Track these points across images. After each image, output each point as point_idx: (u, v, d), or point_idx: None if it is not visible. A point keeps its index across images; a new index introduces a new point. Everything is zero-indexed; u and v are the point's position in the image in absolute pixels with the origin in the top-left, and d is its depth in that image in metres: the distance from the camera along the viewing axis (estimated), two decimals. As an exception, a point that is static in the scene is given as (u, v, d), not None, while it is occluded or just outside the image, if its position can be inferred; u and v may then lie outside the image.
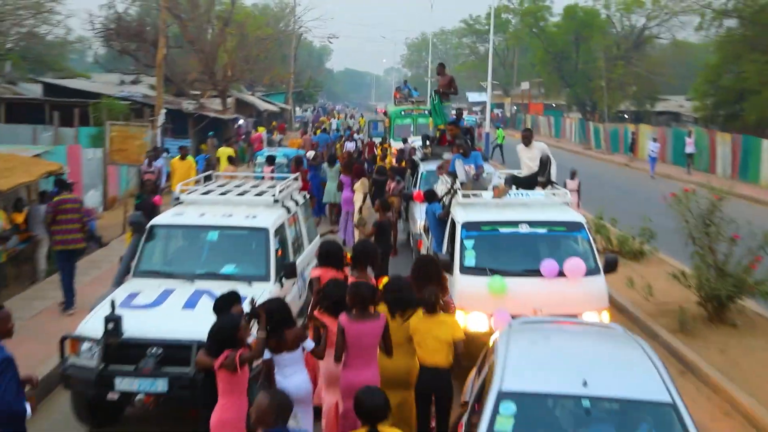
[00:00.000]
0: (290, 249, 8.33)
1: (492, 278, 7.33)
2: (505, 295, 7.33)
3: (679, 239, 9.77)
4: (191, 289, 7.07)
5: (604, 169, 31.11)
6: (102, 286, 10.77)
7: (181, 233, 8.20)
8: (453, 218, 8.32)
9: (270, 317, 5.17)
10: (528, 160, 9.14)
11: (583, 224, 8.01)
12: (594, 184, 25.39)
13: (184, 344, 6.25)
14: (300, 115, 56.28)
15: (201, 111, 28.61)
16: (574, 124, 46.83)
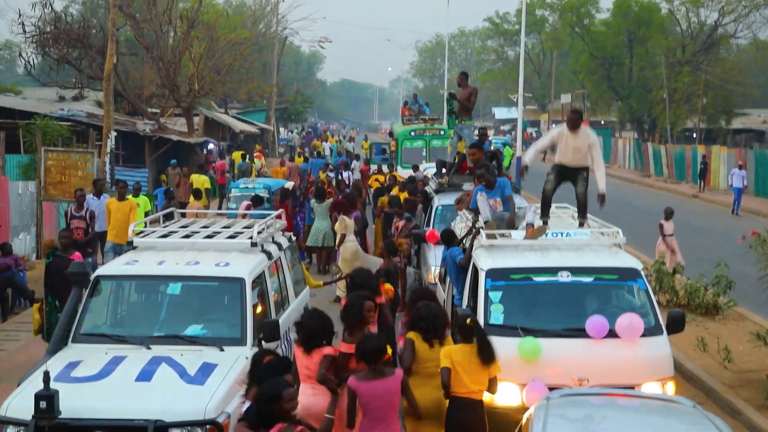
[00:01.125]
0: (272, 304, 8.41)
1: (523, 340, 7.37)
2: (539, 360, 7.35)
3: (763, 290, 9.82)
4: (147, 356, 7.13)
5: (666, 202, 31.15)
6: (33, 354, 10.82)
7: (134, 286, 8.27)
8: (475, 264, 8.40)
9: None
10: (572, 151, 9.12)
11: (639, 271, 8.09)
12: (653, 221, 25.54)
13: (138, 426, 6.26)
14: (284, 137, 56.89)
15: (161, 133, 29.04)
16: (629, 145, 47.18)
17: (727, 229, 23.44)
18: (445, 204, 13.53)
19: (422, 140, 26.48)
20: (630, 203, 30.11)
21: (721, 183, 34.31)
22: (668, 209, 16.85)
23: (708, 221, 22.56)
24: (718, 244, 16.53)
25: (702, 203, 31.18)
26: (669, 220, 16.24)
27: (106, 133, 21.84)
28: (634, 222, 24.30)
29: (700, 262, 15.64)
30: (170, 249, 8.53)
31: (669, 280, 13.45)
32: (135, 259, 8.22)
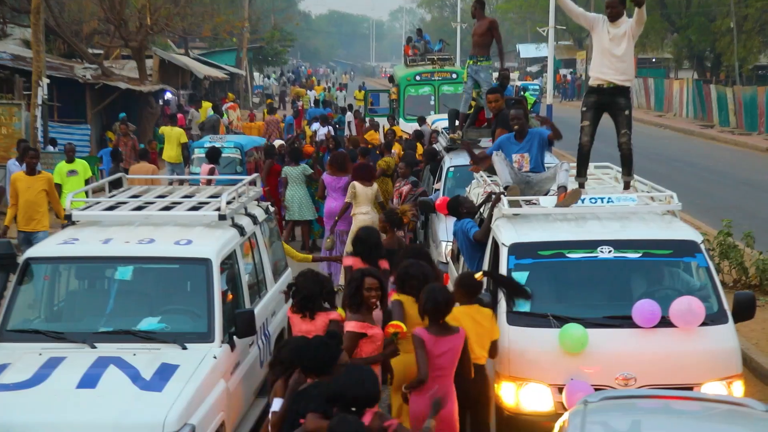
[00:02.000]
0: (245, 291, 8.43)
1: (566, 327, 7.39)
2: (575, 356, 7.38)
3: None
4: (91, 357, 7.14)
5: (733, 158, 31.26)
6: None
7: (73, 270, 8.26)
8: (495, 239, 8.40)
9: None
10: (609, 43, 8.96)
11: (698, 245, 8.09)
12: (717, 181, 25.60)
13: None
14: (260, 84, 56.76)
15: (105, 80, 28.93)
16: (687, 88, 47.04)
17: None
18: (458, 164, 13.50)
19: (430, 86, 26.40)
20: (688, 160, 30.10)
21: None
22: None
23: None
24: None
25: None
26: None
27: (35, 80, 21.74)
28: (693, 184, 24.35)
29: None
30: (119, 224, 8.53)
31: (737, 254, 13.46)
32: (75, 237, 8.20)
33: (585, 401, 5.81)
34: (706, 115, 43.29)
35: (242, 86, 48.29)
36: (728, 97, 40.73)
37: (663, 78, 53.10)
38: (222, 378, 7.40)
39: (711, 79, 49.89)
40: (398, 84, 27.53)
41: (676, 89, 48.67)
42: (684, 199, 9.08)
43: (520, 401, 7.46)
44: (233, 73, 46.53)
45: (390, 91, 29.61)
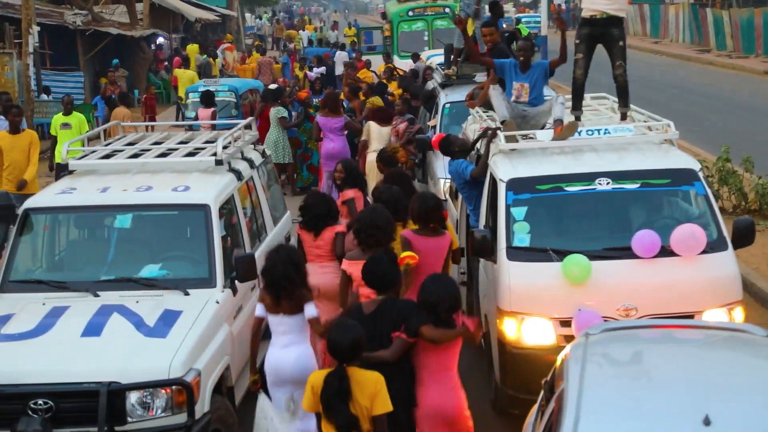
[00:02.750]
0: (245, 235, 8.44)
1: (569, 259, 7.41)
2: (577, 288, 7.41)
3: None
4: (94, 305, 7.18)
5: (731, 83, 31.06)
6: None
7: (72, 220, 8.27)
8: (493, 175, 8.39)
9: None
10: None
11: (696, 173, 8.08)
12: (714, 106, 25.48)
13: (88, 391, 6.34)
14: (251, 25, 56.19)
15: (96, 26, 28.64)
16: (683, 12, 46.56)
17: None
18: (454, 101, 13.43)
19: (423, 21, 26.19)
20: (686, 87, 29.95)
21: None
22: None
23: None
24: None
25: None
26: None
27: (26, 27, 21.54)
28: (691, 110, 24.25)
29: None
30: (115, 172, 8.53)
31: (736, 180, 13.46)
32: (72, 187, 8.20)
33: (586, 333, 5.82)
34: (703, 39, 42.90)
35: (234, 28, 47.77)
36: (725, 20, 40.34)
37: (658, 3, 52.42)
38: (225, 322, 7.45)
39: (707, 3, 49.33)
40: (391, 20, 27.29)
41: (672, 14, 48.18)
42: (682, 126, 9.05)
43: (522, 336, 7.50)
44: (225, 15, 46.02)
45: (383, 28, 29.35)
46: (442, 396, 6.21)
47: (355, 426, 5.60)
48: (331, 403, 5.60)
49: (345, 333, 5.73)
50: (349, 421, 5.58)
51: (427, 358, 6.20)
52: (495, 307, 7.76)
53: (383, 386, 5.65)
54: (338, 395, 5.57)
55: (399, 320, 6.13)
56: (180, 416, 6.49)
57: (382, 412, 5.62)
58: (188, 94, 19.96)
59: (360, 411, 5.60)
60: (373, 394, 5.61)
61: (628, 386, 5.07)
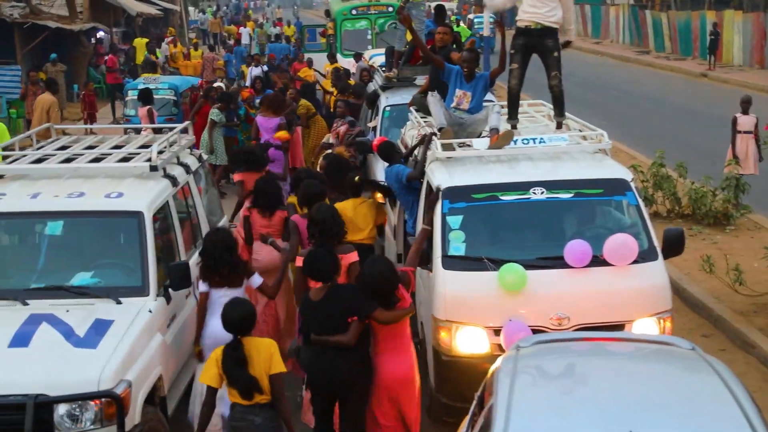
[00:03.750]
0: (180, 242, 8.36)
1: (505, 267, 7.44)
2: (510, 297, 7.45)
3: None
4: (23, 314, 7.05)
5: (669, 84, 31.54)
6: None
7: (2, 226, 8.11)
8: (429, 183, 8.40)
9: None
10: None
11: (628, 183, 8.17)
12: (652, 109, 25.79)
13: (13, 404, 6.24)
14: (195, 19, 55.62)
15: (34, 19, 28.11)
16: (623, 14, 47.20)
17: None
18: (394, 104, 13.42)
19: (366, 20, 26.10)
20: (625, 88, 30.30)
21: (736, 58, 34.55)
22: (745, 98, 15.09)
23: (718, 107, 22.77)
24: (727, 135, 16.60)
25: (712, 84, 31.47)
26: (747, 113, 14.75)
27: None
28: (629, 112, 24.54)
29: (708, 160, 15.87)
30: (47, 177, 8.37)
31: (670, 185, 13.65)
32: (2, 192, 8.05)
33: (517, 346, 5.86)
34: (642, 41, 43.53)
35: (177, 22, 47.28)
36: (663, 23, 40.97)
37: (599, 4, 53.05)
38: (158, 331, 7.37)
39: (647, 5, 49.98)
40: (334, 18, 27.18)
41: (613, 15, 48.80)
42: (619, 128, 9.19)
43: (456, 344, 7.52)
44: (167, 9, 45.48)
45: (326, 26, 29.24)
46: (396, 362, 6.91)
47: (256, 387, 6.29)
48: (232, 370, 6.29)
49: (235, 308, 6.50)
50: (249, 384, 6.29)
51: (381, 332, 6.89)
52: (430, 315, 7.77)
53: (276, 350, 6.42)
54: (237, 362, 6.28)
55: (346, 305, 6.76)
56: (110, 429, 6.39)
57: (277, 371, 6.35)
58: (127, 91, 19.71)
59: (259, 373, 6.30)
60: (268, 357, 6.33)
61: (557, 400, 5.11)
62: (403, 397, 7.00)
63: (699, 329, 10.14)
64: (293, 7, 79.86)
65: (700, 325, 10.29)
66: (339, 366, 6.75)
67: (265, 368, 6.32)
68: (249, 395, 6.32)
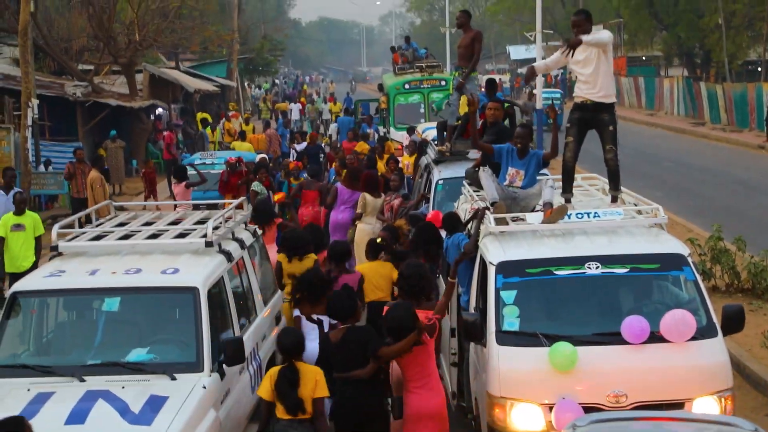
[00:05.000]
0: (234, 317, 8.40)
1: (556, 346, 7.38)
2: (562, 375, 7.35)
3: None
4: (79, 391, 7.11)
5: (725, 156, 31.24)
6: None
7: (61, 303, 8.24)
8: (483, 257, 8.38)
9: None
10: (577, 66, 9.00)
11: (685, 258, 8.07)
12: (708, 180, 25.56)
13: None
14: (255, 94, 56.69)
15: (96, 97, 28.88)
16: (677, 86, 47.08)
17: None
18: (447, 177, 13.46)
19: (419, 94, 26.33)
20: (680, 160, 30.09)
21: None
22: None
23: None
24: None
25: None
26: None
27: (25, 100, 21.71)
28: (685, 184, 24.34)
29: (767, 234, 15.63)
30: (105, 254, 8.52)
31: (728, 259, 13.45)
32: (61, 269, 8.19)
33: (573, 425, 5.78)
34: (697, 112, 43.28)
35: (234, 98, 48.19)
36: (719, 94, 40.74)
37: (653, 76, 53.05)
38: (212, 407, 7.39)
39: (701, 76, 49.90)
40: (387, 93, 27.48)
41: (667, 87, 48.69)
42: (675, 200, 9.09)
43: (511, 421, 7.42)
44: (224, 85, 46.45)
45: (380, 100, 29.56)
46: (423, 399, 7.49)
47: (300, 407, 7.08)
48: (283, 389, 7.09)
49: (288, 336, 7.42)
50: (295, 403, 7.07)
51: (407, 371, 7.52)
52: (485, 391, 7.69)
53: (322, 377, 7.21)
54: (289, 383, 7.09)
55: (361, 344, 7.59)
56: (163, 505, 6.39)
57: (320, 396, 7.16)
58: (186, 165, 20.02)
59: (305, 395, 7.10)
60: (315, 382, 7.14)
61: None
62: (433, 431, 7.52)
63: (762, 408, 9.88)
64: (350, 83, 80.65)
65: (763, 404, 10.03)
66: (361, 399, 7.52)
67: (311, 392, 7.12)
68: (294, 413, 7.10)
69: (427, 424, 7.49)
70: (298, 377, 7.13)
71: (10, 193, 14.64)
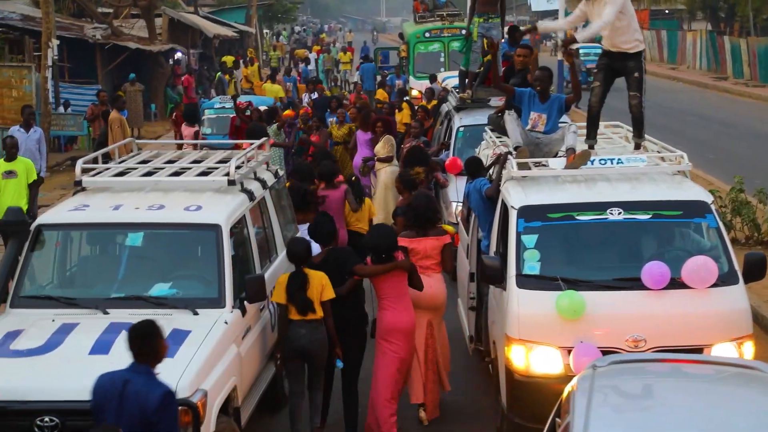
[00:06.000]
0: (255, 256, 8.46)
1: (562, 294, 7.42)
2: (585, 318, 7.39)
3: None
4: (103, 323, 7.20)
5: (747, 111, 30.99)
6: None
7: (84, 237, 8.31)
8: (505, 202, 8.39)
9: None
10: (610, 28, 8.90)
11: (708, 205, 8.06)
12: (730, 134, 25.41)
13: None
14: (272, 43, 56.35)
15: (115, 40, 28.84)
16: (700, 40, 46.56)
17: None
18: (467, 124, 13.44)
19: (439, 43, 26.17)
20: (702, 114, 29.90)
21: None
22: None
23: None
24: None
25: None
26: None
27: (45, 41, 21.69)
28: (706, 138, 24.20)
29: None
30: (128, 190, 8.55)
31: (749, 211, 13.42)
32: (85, 204, 8.23)
33: (594, 365, 5.81)
34: (720, 67, 42.85)
35: (252, 44, 47.96)
36: (742, 49, 40.30)
37: (676, 30, 52.46)
38: (233, 343, 7.46)
39: (725, 31, 49.28)
40: (408, 41, 27.33)
41: (690, 41, 48.16)
42: (696, 154, 9.04)
43: (530, 364, 7.48)
44: (243, 31, 46.21)
45: (400, 49, 29.40)
46: (397, 315, 8.13)
47: (310, 307, 7.82)
48: (294, 292, 7.80)
49: (298, 244, 8.16)
50: (306, 304, 7.80)
51: (381, 290, 8.18)
52: (503, 334, 7.74)
53: (328, 281, 7.91)
54: (299, 286, 7.81)
55: (340, 263, 8.22)
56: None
57: (327, 298, 7.89)
58: (204, 111, 20.03)
59: (313, 297, 7.83)
60: (322, 286, 7.86)
61: (635, 420, 5.07)
62: (400, 345, 8.17)
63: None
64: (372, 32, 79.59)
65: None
66: (341, 313, 8.09)
67: (319, 294, 7.83)
68: (304, 313, 7.84)
69: (398, 337, 8.16)
70: (307, 281, 7.83)
71: (30, 131, 14.70)
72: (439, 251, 8.57)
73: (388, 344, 8.18)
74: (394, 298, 8.15)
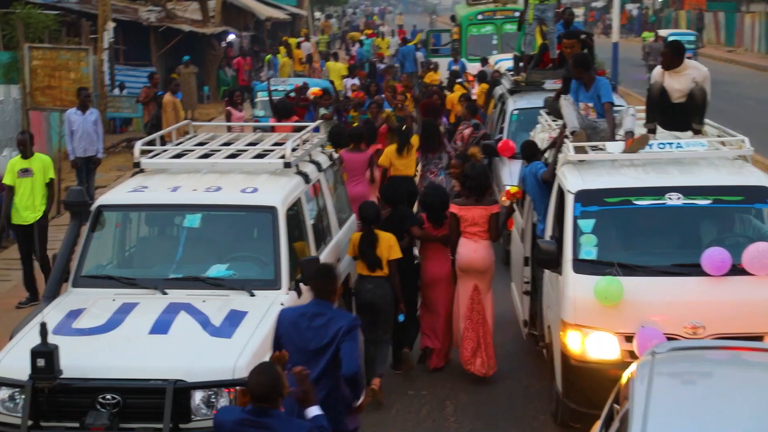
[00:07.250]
0: (311, 238, 8.51)
1: (601, 280, 7.37)
2: (644, 305, 7.34)
3: None
4: (162, 303, 7.30)
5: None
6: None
7: (144, 218, 8.41)
8: (561, 186, 8.34)
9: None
10: (675, 94, 8.99)
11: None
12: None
13: (154, 388, 6.46)
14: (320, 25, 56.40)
15: (169, 22, 29.07)
16: (759, 22, 45.72)
17: None
18: (522, 107, 13.37)
19: (492, 25, 26.06)
20: (760, 98, 29.40)
21: None
22: None
23: None
24: None
25: None
26: None
27: (102, 24, 21.96)
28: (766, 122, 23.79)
29: None
30: (185, 172, 8.64)
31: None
32: (144, 185, 8.34)
33: (653, 352, 5.77)
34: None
35: (304, 26, 48.06)
36: (803, 32, 39.58)
37: (734, 11, 51.52)
38: (289, 324, 7.50)
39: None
40: (460, 23, 27.23)
41: (748, 23, 47.31)
42: (756, 139, 8.89)
43: (586, 349, 7.44)
44: (295, 14, 46.33)
45: (452, 31, 29.29)
46: (436, 265, 9.29)
47: (378, 264, 8.65)
48: (364, 249, 8.65)
49: (369, 207, 8.95)
50: (374, 260, 8.65)
51: (426, 246, 9.40)
52: (559, 319, 7.71)
53: (395, 242, 8.73)
54: (369, 243, 8.63)
55: (401, 221, 9.16)
56: (243, 417, 6.54)
57: (395, 257, 8.70)
58: (257, 93, 20.12)
59: (381, 255, 8.64)
60: (389, 246, 8.67)
61: (695, 408, 5.03)
62: (438, 292, 9.29)
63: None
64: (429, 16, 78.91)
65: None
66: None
67: (386, 253, 8.65)
68: (372, 269, 8.69)
69: (439, 284, 9.28)
70: (376, 240, 8.64)
71: (86, 113, 14.86)
72: (486, 220, 9.14)
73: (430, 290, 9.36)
74: (436, 252, 9.36)
